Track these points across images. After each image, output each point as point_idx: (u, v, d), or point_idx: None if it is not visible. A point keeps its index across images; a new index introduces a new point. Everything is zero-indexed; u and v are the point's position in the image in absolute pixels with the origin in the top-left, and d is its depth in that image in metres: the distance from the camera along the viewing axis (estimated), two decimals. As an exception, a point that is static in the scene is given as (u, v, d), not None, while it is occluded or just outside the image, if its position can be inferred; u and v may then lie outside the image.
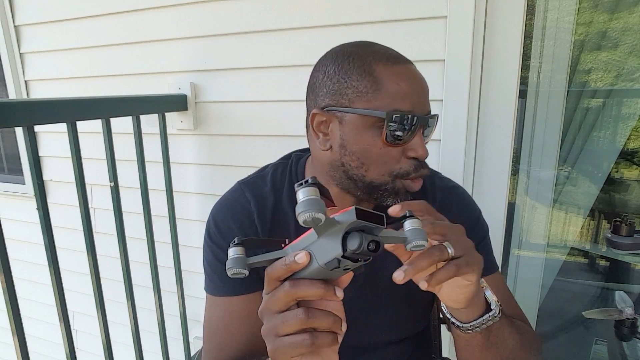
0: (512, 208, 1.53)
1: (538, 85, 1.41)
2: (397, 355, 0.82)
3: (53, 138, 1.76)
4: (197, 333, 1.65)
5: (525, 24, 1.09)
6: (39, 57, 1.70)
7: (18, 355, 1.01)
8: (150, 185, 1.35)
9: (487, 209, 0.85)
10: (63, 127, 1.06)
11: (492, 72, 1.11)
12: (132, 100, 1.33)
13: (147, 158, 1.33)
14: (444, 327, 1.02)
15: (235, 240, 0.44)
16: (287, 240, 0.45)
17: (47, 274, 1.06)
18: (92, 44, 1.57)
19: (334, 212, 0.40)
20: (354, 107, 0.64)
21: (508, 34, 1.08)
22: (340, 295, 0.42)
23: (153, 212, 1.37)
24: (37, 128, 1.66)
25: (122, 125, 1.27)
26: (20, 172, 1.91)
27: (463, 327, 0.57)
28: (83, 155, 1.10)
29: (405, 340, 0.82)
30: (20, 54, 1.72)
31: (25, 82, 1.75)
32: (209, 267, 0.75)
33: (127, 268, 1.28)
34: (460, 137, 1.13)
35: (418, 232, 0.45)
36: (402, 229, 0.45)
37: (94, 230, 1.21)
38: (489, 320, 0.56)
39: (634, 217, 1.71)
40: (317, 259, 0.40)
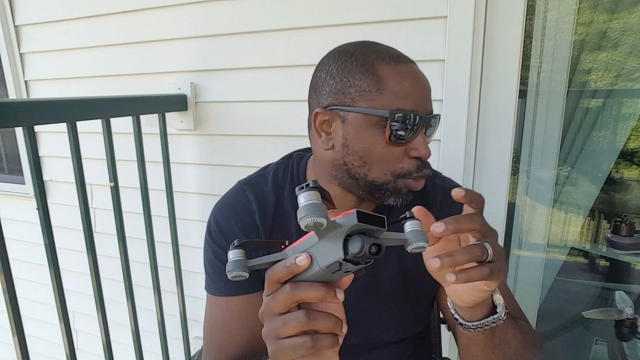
0: (512, 208, 1.53)
1: (538, 85, 1.41)
2: (397, 355, 0.82)
3: (53, 138, 1.76)
4: (197, 333, 1.65)
5: (525, 24, 1.09)
6: (39, 57, 1.70)
7: (18, 355, 1.01)
8: (150, 185, 1.35)
9: (487, 209, 0.83)
10: (63, 127, 1.06)
11: (492, 72, 1.11)
12: (132, 100, 1.33)
13: (147, 158, 1.33)
14: (444, 327, 1.02)
15: (235, 243, 0.44)
16: (287, 242, 0.45)
17: (47, 274, 1.06)
18: (92, 44, 1.57)
19: (335, 214, 0.40)
20: (357, 106, 0.64)
21: (508, 34, 1.08)
22: (341, 298, 0.42)
23: (153, 212, 1.37)
24: (37, 128, 1.66)
25: (122, 125, 1.27)
26: (20, 172, 1.90)
27: (466, 325, 0.57)
28: (83, 155, 1.10)
29: (406, 340, 0.82)
30: (20, 54, 1.72)
31: (25, 82, 1.75)
32: (210, 266, 0.75)
33: (127, 268, 1.28)
34: (460, 137, 1.13)
35: (419, 233, 0.45)
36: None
37: (94, 230, 1.21)
38: (493, 322, 0.55)
39: (634, 217, 1.71)
40: (318, 262, 0.40)
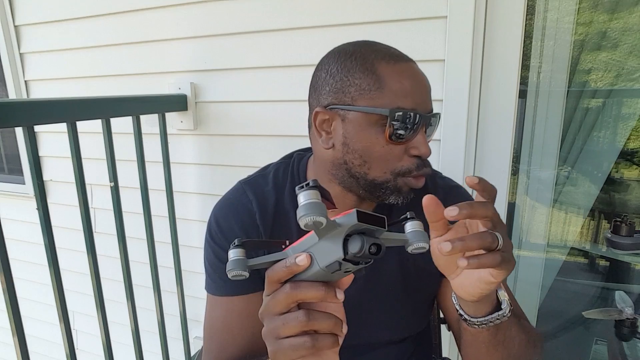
0: (512, 208, 1.53)
1: (538, 85, 1.41)
2: (397, 355, 0.82)
3: (53, 138, 1.76)
4: (197, 333, 1.65)
5: (525, 24, 1.09)
6: (39, 57, 1.70)
7: (18, 355, 1.01)
8: (150, 185, 1.35)
9: (487, 210, 0.85)
10: (63, 127, 1.06)
11: (492, 72, 1.11)
12: (132, 100, 1.33)
13: (147, 158, 1.33)
14: (444, 327, 1.02)
15: (236, 242, 0.44)
16: (287, 242, 0.45)
17: (47, 274, 1.06)
18: (92, 44, 1.57)
19: (335, 214, 0.39)
20: (357, 105, 0.64)
21: (508, 34, 1.08)
22: (341, 298, 0.42)
23: (153, 212, 1.37)
24: (37, 128, 1.66)
25: (122, 125, 1.27)
26: (20, 172, 1.90)
27: (470, 321, 0.57)
28: (83, 155, 1.10)
29: (406, 340, 0.82)
30: (20, 54, 1.72)
31: (25, 82, 1.75)
32: (210, 266, 0.75)
33: (127, 268, 1.28)
34: (460, 137, 1.13)
35: (420, 234, 0.45)
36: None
37: (94, 230, 1.21)
38: (497, 319, 0.55)
39: (634, 217, 1.71)
40: (317, 262, 0.40)
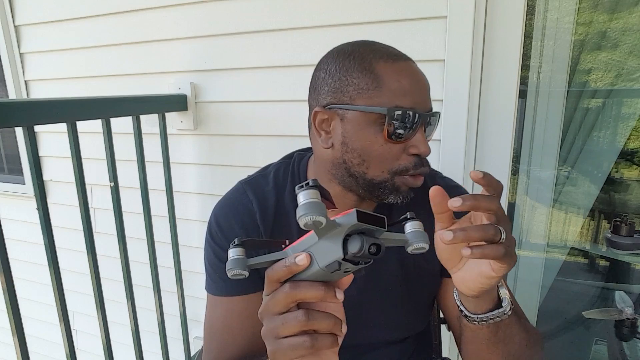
0: (512, 208, 1.53)
1: (538, 85, 1.41)
2: (397, 355, 0.82)
3: (53, 138, 1.76)
4: (197, 333, 1.65)
5: (525, 24, 1.09)
6: (39, 57, 1.70)
7: (18, 355, 1.01)
8: (150, 185, 1.35)
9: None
10: (63, 127, 1.06)
11: (492, 72, 1.11)
12: (132, 100, 1.33)
13: (147, 158, 1.33)
14: (444, 327, 1.02)
15: (236, 241, 0.44)
16: (287, 241, 0.45)
17: (47, 274, 1.06)
18: (92, 44, 1.57)
19: (335, 213, 0.39)
20: (355, 104, 0.64)
21: (508, 34, 1.08)
22: (341, 297, 0.42)
23: (153, 212, 1.37)
24: (37, 128, 1.66)
25: (122, 125, 1.27)
26: (20, 172, 1.91)
27: (470, 317, 0.57)
28: (83, 155, 1.10)
29: (406, 340, 0.82)
30: (20, 54, 1.72)
31: (25, 82, 1.75)
32: (210, 266, 0.75)
33: (127, 268, 1.28)
34: (460, 137, 1.13)
35: (420, 234, 0.45)
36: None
37: (94, 230, 1.21)
38: (497, 317, 0.56)
39: (634, 217, 1.70)
40: (317, 261, 0.40)
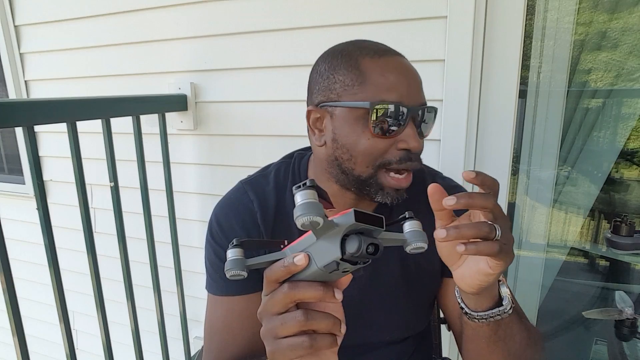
0: (512, 208, 1.53)
1: (538, 85, 1.41)
2: (397, 355, 0.82)
3: (53, 138, 1.76)
4: (197, 333, 1.65)
5: (525, 24, 1.09)
6: (39, 57, 1.70)
7: (18, 355, 1.01)
8: (150, 185, 1.35)
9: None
10: (63, 127, 1.06)
11: (492, 72, 1.11)
12: (132, 100, 1.33)
13: (147, 158, 1.33)
14: (444, 327, 1.02)
15: (234, 242, 0.44)
16: (286, 242, 0.45)
17: (47, 274, 1.06)
18: (92, 44, 1.57)
19: (333, 213, 0.39)
20: (342, 100, 0.65)
21: (508, 34, 1.08)
22: (340, 297, 0.42)
23: (153, 212, 1.37)
24: (37, 128, 1.66)
25: (122, 125, 1.27)
26: (20, 172, 1.91)
27: (471, 315, 0.57)
28: (83, 155, 1.10)
29: (406, 340, 0.82)
30: (20, 54, 1.72)
31: (25, 82, 1.75)
32: (211, 266, 0.75)
33: (127, 268, 1.28)
34: (460, 137, 1.13)
35: (418, 234, 0.45)
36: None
37: (94, 230, 1.21)
38: (498, 315, 0.56)
39: (634, 217, 1.70)
40: (315, 262, 0.40)
